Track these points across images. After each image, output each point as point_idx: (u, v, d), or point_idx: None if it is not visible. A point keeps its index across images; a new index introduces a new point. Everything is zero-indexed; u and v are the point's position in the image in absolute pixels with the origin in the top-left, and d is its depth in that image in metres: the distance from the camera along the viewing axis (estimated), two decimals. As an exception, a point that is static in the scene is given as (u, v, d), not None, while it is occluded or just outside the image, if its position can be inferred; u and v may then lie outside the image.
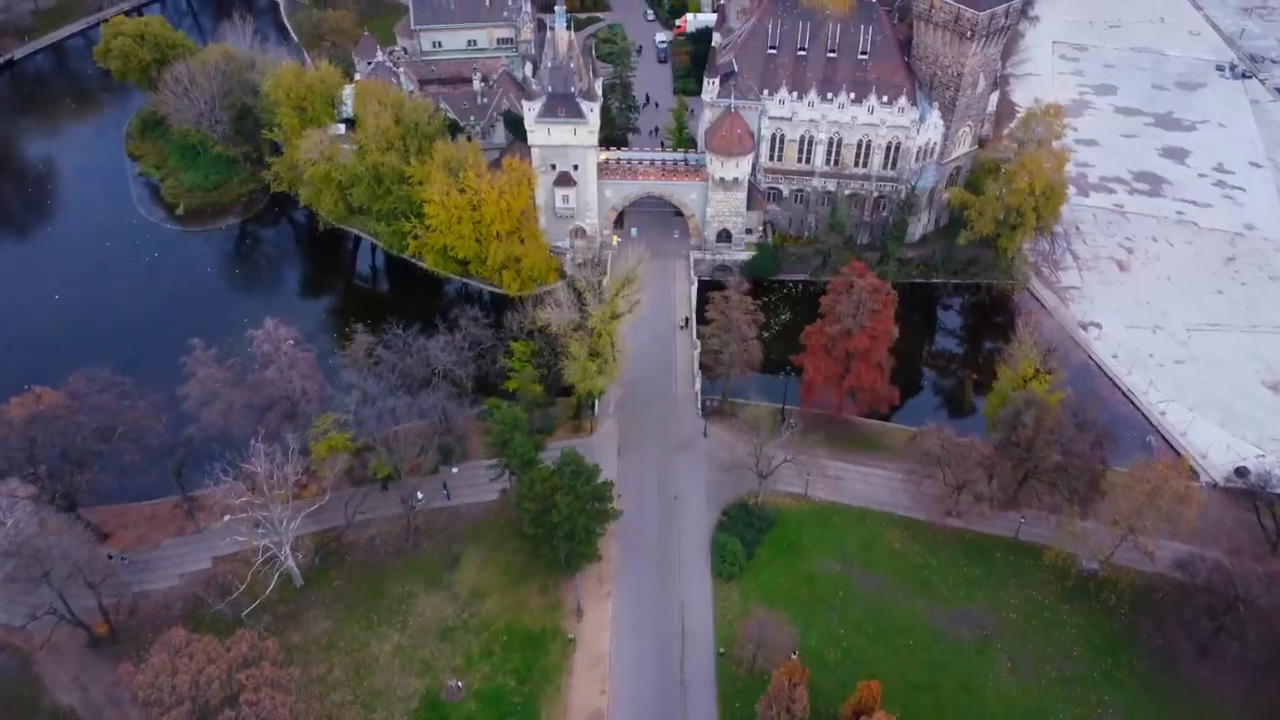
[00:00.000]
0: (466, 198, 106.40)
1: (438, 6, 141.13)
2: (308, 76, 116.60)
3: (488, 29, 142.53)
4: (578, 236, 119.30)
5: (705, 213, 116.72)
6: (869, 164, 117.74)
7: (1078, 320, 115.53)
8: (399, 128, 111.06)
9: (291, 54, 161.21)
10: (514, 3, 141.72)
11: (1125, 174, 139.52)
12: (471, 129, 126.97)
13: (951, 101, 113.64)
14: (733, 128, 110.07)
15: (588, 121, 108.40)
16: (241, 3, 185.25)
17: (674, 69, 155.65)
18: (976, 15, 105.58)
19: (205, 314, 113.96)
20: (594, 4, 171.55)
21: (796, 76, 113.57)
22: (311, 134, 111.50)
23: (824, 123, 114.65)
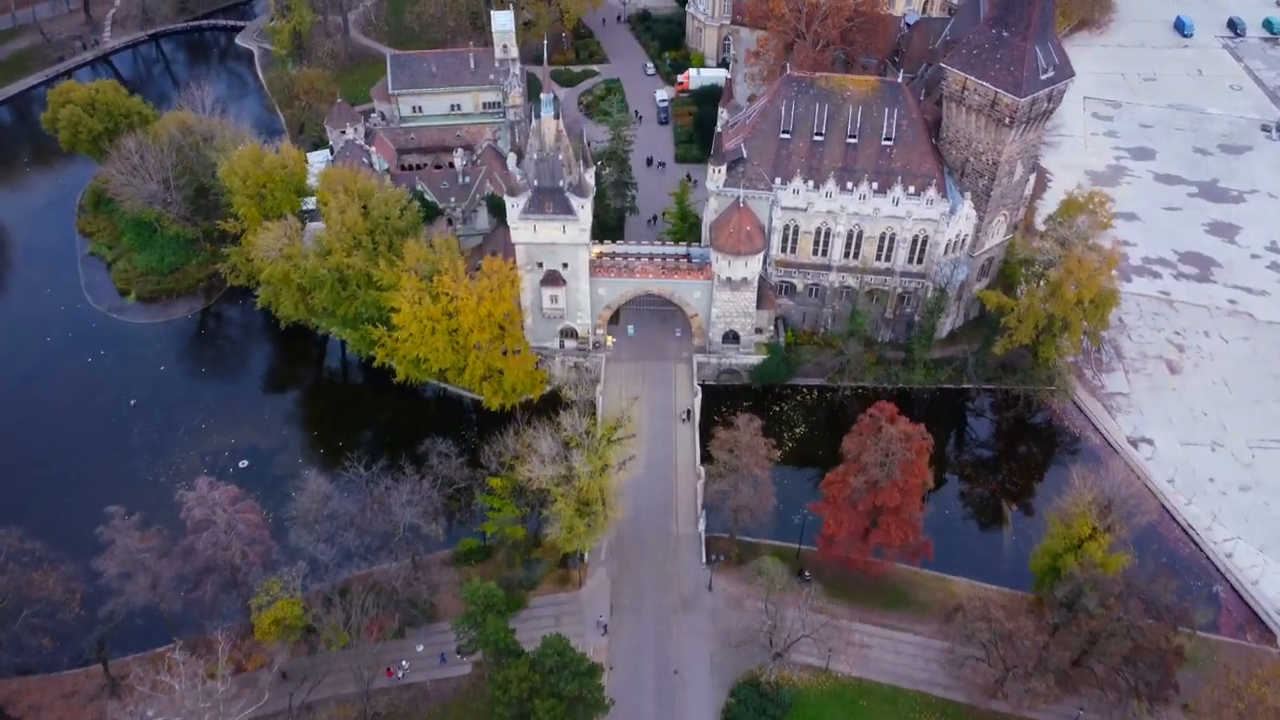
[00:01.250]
0: (441, 305, 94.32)
1: (417, 69, 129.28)
2: (268, 161, 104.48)
3: (472, 93, 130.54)
4: (568, 337, 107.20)
5: (710, 313, 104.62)
6: (893, 258, 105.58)
7: (1127, 435, 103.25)
8: (367, 222, 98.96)
9: (265, 115, 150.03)
10: (501, 65, 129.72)
11: (1170, 254, 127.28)
12: (451, 211, 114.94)
13: (986, 191, 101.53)
14: (741, 224, 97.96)
15: (578, 219, 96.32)
16: (217, 50, 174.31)
17: (675, 132, 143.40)
18: (1016, 101, 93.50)
19: (149, 430, 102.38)
20: (590, 56, 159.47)
21: (813, 164, 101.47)
22: (269, 228, 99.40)
23: (843, 214, 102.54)
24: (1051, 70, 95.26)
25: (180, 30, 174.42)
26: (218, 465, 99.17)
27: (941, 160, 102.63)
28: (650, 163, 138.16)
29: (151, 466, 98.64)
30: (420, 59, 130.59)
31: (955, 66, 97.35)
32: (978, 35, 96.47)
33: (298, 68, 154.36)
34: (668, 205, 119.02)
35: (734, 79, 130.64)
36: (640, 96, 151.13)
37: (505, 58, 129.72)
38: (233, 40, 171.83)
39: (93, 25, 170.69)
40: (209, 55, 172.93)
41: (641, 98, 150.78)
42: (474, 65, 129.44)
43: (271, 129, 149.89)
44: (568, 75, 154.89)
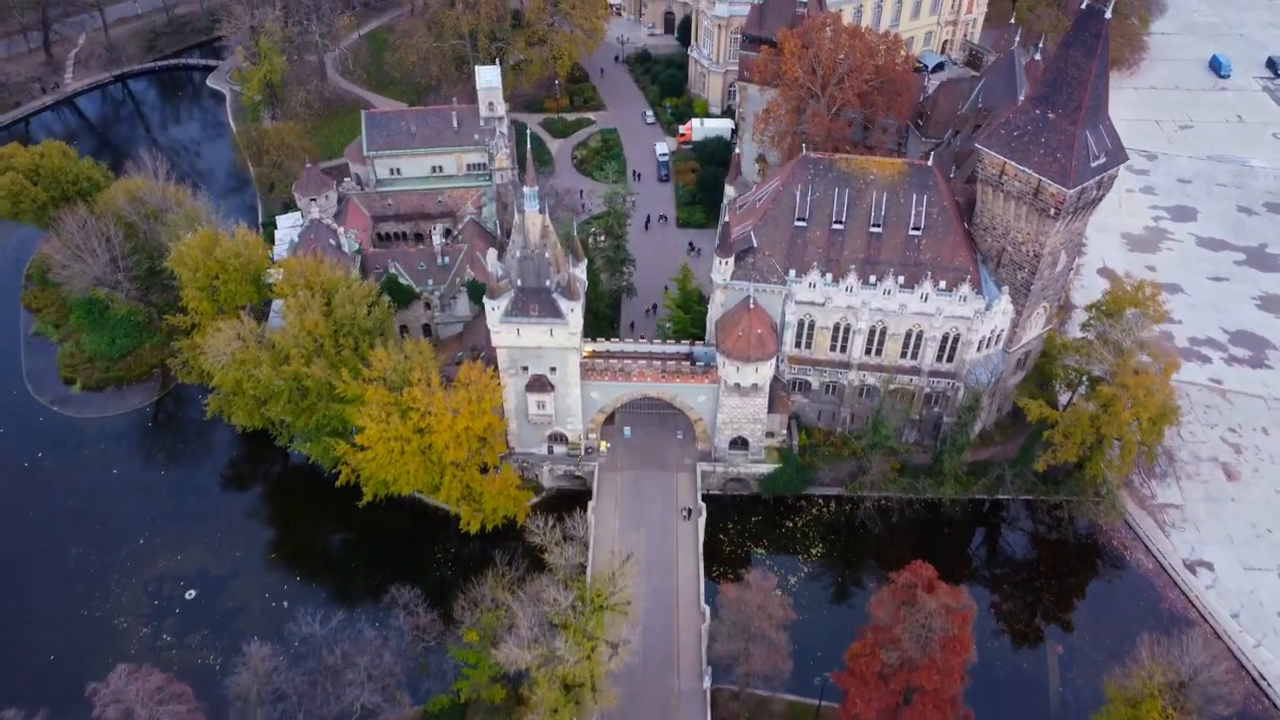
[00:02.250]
0: (411, 422, 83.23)
1: (395, 129, 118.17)
2: (221, 249, 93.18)
3: (455, 154, 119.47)
4: (557, 442, 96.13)
5: (716, 419, 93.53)
6: (920, 356, 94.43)
7: (1183, 558, 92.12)
8: (330, 321, 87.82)
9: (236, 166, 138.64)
10: (486, 124, 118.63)
11: (1219, 334, 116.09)
12: (429, 295, 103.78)
13: (1025, 284, 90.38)
14: (752, 327, 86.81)
15: (567, 323, 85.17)
16: (188, 91, 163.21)
17: (676, 191, 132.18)
18: (1064, 193, 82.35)
19: (88, 551, 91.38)
20: (585, 102, 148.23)
21: (831, 255, 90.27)
22: (220, 330, 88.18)
23: (865, 310, 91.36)
24: (1104, 156, 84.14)
25: (148, 70, 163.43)
26: (162, 594, 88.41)
27: (975, 249, 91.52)
28: (648, 224, 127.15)
29: (87, 598, 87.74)
30: (398, 117, 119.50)
31: (993, 149, 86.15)
32: (1019, 115, 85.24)
33: (270, 112, 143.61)
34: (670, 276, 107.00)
35: (740, 151, 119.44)
36: (639, 149, 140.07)
37: (491, 116, 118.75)
38: (205, 81, 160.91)
39: (53, 66, 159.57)
40: (179, 98, 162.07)
41: (640, 150, 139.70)
42: (457, 124, 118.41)
43: (243, 181, 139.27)
44: (561, 125, 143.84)
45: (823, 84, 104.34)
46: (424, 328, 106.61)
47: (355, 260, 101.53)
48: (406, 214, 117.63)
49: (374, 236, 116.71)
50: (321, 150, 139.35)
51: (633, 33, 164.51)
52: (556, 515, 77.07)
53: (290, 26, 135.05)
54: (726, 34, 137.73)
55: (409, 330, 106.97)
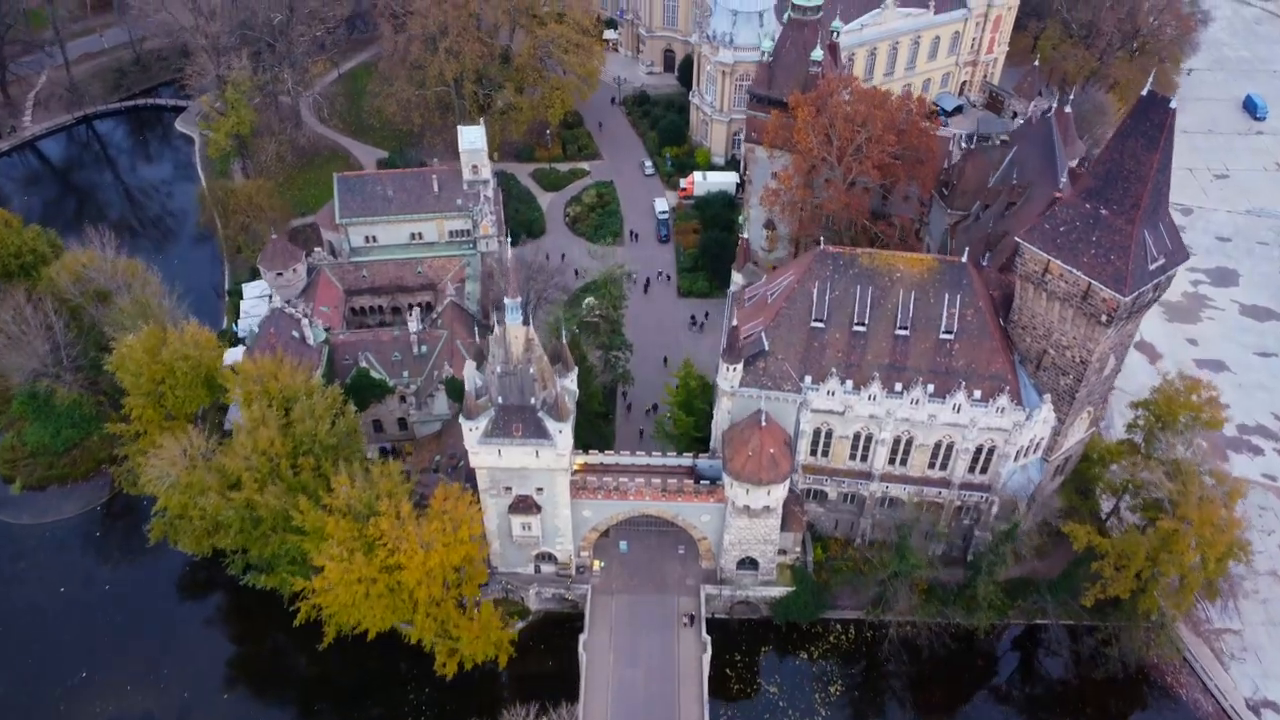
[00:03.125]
0: (378, 559, 73.33)
1: (370, 194, 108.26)
2: (168, 350, 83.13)
3: (436, 220, 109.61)
4: (545, 561, 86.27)
5: (723, 539, 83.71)
6: (950, 468, 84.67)
7: (1245, 698, 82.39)
8: (288, 438, 77.84)
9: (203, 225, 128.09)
10: (470, 188, 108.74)
11: (1271, 420, 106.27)
12: (404, 389, 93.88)
13: (1069, 391, 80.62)
14: (763, 447, 76.91)
15: (555, 445, 75.24)
16: (157, 133, 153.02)
17: (678, 254, 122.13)
18: (1118, 300, 72.53)
19: (11, 691, 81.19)
20: (579, 150, 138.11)
21: (852, 360, 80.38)
22: (164, 448, 78.17)
23: (890, 420, 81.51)
24: (1163, 258, 74.26)
25: (114, 111, 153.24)
26: (100, 745, 78.61)
27: (1013, 351, 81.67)
28: (647, 287, 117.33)
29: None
30: (374, 181, 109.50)
31: (1036, 245, 76.29)
32: (1066, 209, 75.30)
33: (241, 163, 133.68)
34: (670, 354, 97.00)
35: (747, 216, 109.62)
36: (637, 204, 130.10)
37: (475, 179, 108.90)
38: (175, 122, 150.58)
39: (11, 108, 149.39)
40: (147, 141, 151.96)
41: (638, 206, 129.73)
42: (438, 188, 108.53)
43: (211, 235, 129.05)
44: (552, 177, 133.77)
45: (839, 154, 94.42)
46: (399, 421, 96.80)
47: (322, 352, 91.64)
48: (382, 287, 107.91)
49: (347, 312, 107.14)
50: (295, 205, 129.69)
51: (630, 71, 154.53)
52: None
53: (260, 74, 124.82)
54: (731, 81, 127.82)
55: (383, 425, 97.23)
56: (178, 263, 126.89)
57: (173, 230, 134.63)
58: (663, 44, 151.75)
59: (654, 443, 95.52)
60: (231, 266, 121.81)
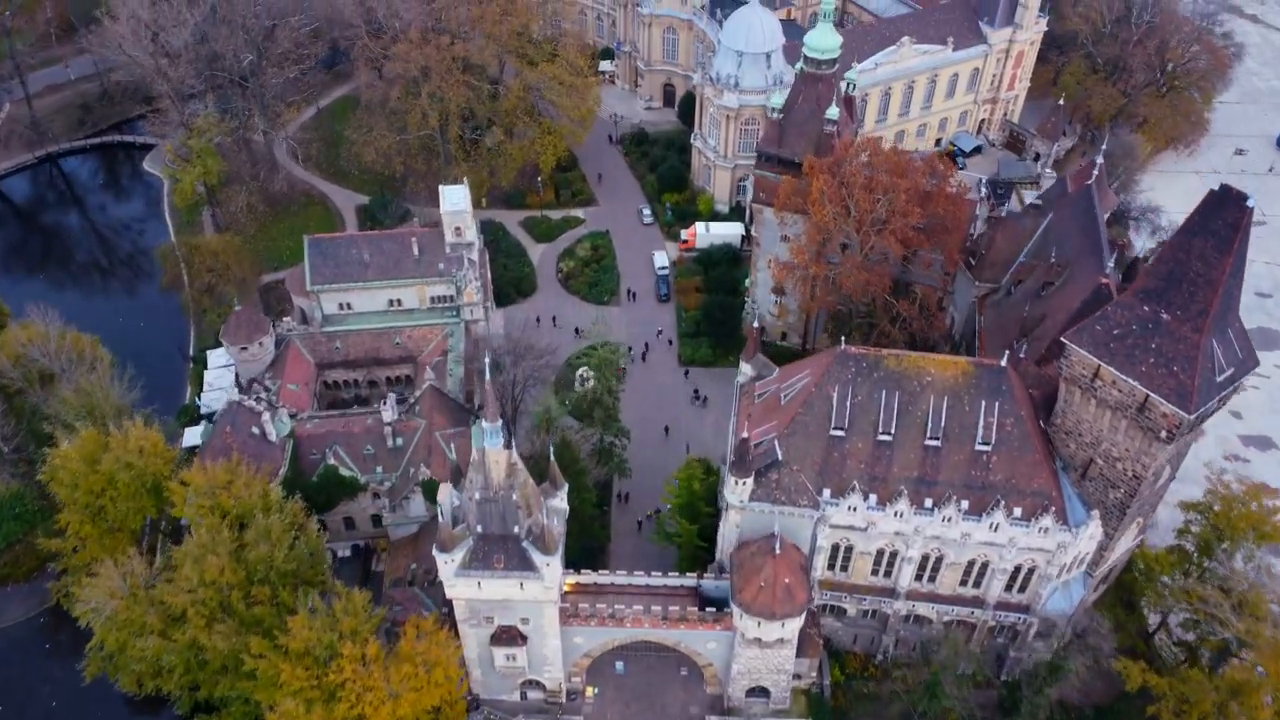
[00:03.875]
0: (341, 710, 64.48)
1: (344, 258, 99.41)
2: (110, 458, 74.11)
3: (417, 286, 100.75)
4: (532, 688, 77.45)
5: (730, 668, 74.93)
6: (984, 586, 75.95)
7: None
8: (241, 566, 68.92)
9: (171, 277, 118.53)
10: (453, 252, 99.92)
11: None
12: (378, 486, 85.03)
13: (1119, 505, 71.92)
14: (777, 576, 68.14)
15: (542, 578, 66.40)
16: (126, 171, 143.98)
17: (679, 316, 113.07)
18: (1181, 417, 63.80)
19: None
20: (573, 196, 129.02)
21: (876, 472, 71.56)
22: (100, 576, 69.23)
23: (918, 537, 72.73)
24: (1231, 368, 65.55)
25: (80, 149, 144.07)
26: None
27: (1054, 458, 72.84)
28: (645, 354, 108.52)
29: None
30: (348, 244, 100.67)
31: (1086, 348, 67.50)
32: (1122, 311, 66.44)
33: (211, 212, 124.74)
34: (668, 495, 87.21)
35: (755, 279, 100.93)
36: (635, 257, 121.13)
37: (458, 242, 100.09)
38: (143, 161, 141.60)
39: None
40: (114, 181, 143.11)
41: (636, 260, 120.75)
42: (418, 252, 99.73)
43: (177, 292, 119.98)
44: (544, 226, 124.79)
45: (858, 225, 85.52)
46: (373, 518, 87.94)
47: (286, 448, 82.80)
48: (358, 360, 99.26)
49: (319, 387, 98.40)
50: (268, 257, 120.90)
51: (628, 106, 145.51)
52: None
53: (229, 119, 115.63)
54: (735, 125, 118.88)
55: (355, 522, 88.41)
56: (143, 316, 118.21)
57: (141, 276, 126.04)
58: (662, 78, 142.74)
59: (653, 544, 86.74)
60: (197, 329, 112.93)
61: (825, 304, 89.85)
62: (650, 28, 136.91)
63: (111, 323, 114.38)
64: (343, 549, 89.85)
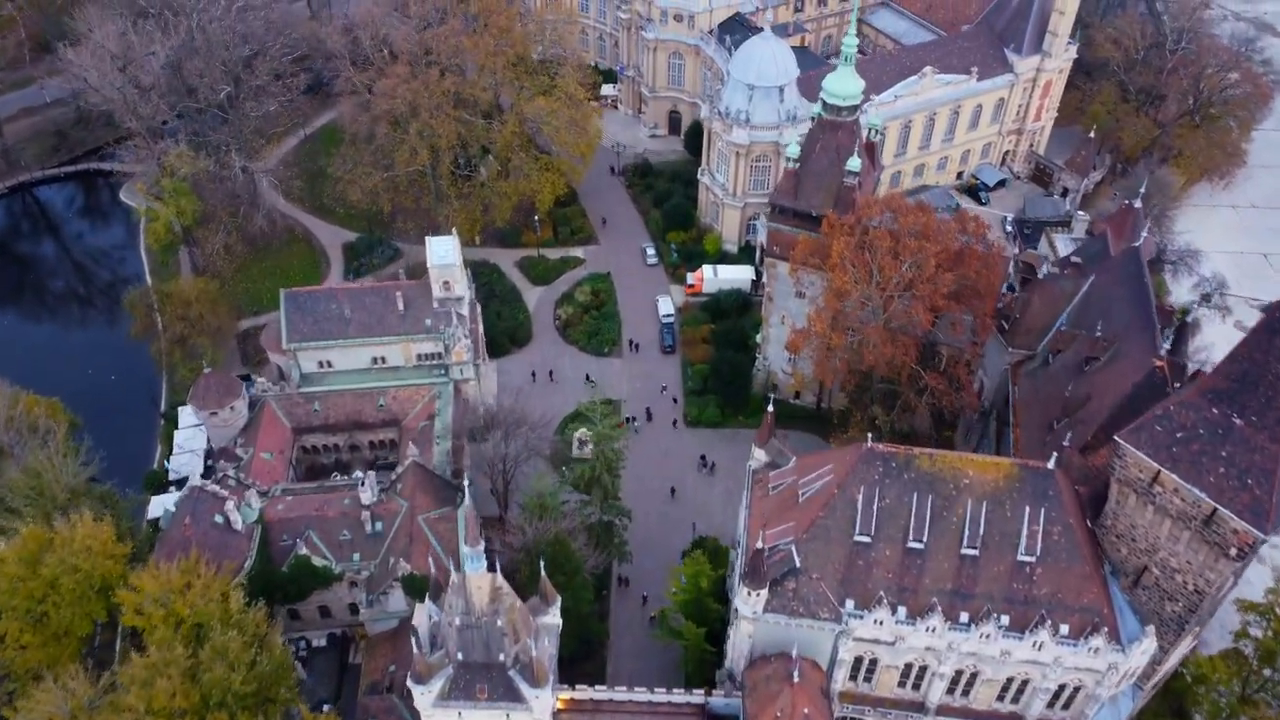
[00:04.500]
0: None
1: (324, 314, 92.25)
2: (54, 559, 66.66)
3: (402, 343, 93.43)
4: (522, 809, 70.09)
5: (741, 794, 67.48)
6: (1023, 703, 68.42)
7: None
8: (197, 687, 61.50)
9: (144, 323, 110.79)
10: (441, 307, 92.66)
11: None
12: (355, 575, 77.72)
13: (1177, 619, 64.40)
14: (795, 707, 60.66)
15: (531, 710, 58.99)
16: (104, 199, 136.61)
17: (684, 371, 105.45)
18: (1254, 535, 56.28)
19: None
20: (572, 234, 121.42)
21: (906, 583, 64.00)
22: (38, 695, 61.85)
23: (952, 654, 65.21)
24: (1313, 476, 57.87)
25: (53, 179, 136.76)
26: None
27: (1103, 561, 65.27)
28: (650, 417, 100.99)
29: None
30: (328, 299, 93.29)
31: (1144, 451, 59.98)
32: (1187, 412, 58.87)
33: (188, 250, 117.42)
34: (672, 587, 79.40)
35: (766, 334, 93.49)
36: (638, 302, 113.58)
37: (447, 297, 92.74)
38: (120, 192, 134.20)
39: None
40: (89, 213, 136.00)
41: (640, 305, 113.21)
42: (403, 306, 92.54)
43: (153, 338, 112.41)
44: (541, 267, 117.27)
45: (881, 290, 77.85)
46: (350, 607, 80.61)
47: (254, 536, 75.47)
48: (338, 424, 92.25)
49: (296, 452, 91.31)
50: (248, 300, 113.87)
51: (631, 132, 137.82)
52: None
53: (205, 156, 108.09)
54: (746, 162, 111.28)
55: (330, 611, 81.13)
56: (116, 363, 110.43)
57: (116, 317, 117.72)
58: (668, 105, 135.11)
59: (656, 640, 79.33)
60: (169, 381, 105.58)
61: (845, 378, 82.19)
62: (655, 53, 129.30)
63: (79, 373, 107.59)
64: (318, 638, 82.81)
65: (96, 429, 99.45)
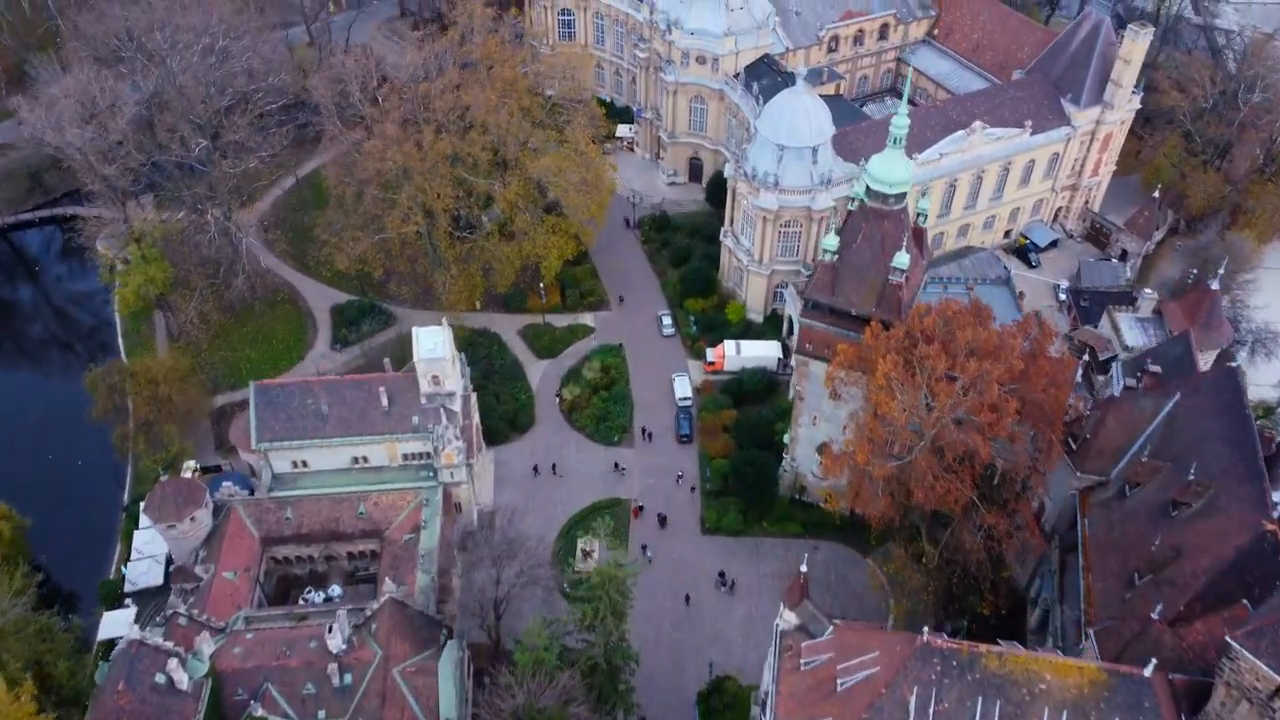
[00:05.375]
0: None
1: (299, 410, 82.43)
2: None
3: (386, 443, 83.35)
4: None
5: None
6: None
7: None
8: None
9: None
10: (430, 403, 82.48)
11: None
12: (321, 735, 67.68)
13: (1292, 846, 53.31)
14: None
15: None
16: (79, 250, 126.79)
17: (702, 467, 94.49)
18: None
19: None
20: (581, 297, 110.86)
21: (966, 800, 53.25)
22: None
23: None
24: None
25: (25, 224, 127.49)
26: None
27: (1206, 778, 54.32)
28: (664, 523, 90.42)
29: None
30: (303, 393, 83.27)
31: (1265, 660, 49.13)
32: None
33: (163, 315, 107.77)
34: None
35: (795, 434, 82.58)
36: (652, 380, 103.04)
37: (436, 393, 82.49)
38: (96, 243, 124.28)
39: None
40: (63, 262, 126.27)
41: (654, 383, 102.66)
42: (387, 403, 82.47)
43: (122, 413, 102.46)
44: (547, 337, 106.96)
45: (935, 420, 66.80)
46: (319, 762, 70.54)
47: (202, 695, 65.41)
48: (313, 534, 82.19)
49: (267, 564, 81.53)
50: (225, 370, 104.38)
51: (648, 179, 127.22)
52: None
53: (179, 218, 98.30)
54: (775, 228, 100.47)
55: (295, 767, 70.98)
56: (81, 439, 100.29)
57: (70, 401, 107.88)
58: (688, 151, 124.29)
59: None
60: (134, 469, 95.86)
61: (887, 513, 71.22)
62: (675, 96, 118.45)
63: (38, 455, 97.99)
64: (282, 792, 72.74)
65: (51, 525, 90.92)
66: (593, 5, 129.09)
